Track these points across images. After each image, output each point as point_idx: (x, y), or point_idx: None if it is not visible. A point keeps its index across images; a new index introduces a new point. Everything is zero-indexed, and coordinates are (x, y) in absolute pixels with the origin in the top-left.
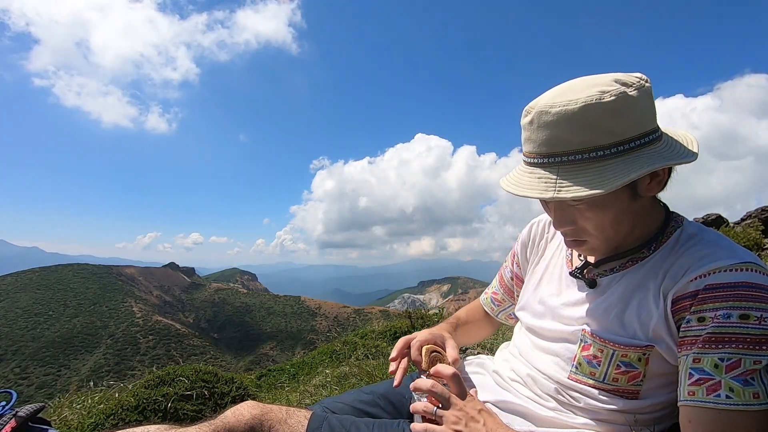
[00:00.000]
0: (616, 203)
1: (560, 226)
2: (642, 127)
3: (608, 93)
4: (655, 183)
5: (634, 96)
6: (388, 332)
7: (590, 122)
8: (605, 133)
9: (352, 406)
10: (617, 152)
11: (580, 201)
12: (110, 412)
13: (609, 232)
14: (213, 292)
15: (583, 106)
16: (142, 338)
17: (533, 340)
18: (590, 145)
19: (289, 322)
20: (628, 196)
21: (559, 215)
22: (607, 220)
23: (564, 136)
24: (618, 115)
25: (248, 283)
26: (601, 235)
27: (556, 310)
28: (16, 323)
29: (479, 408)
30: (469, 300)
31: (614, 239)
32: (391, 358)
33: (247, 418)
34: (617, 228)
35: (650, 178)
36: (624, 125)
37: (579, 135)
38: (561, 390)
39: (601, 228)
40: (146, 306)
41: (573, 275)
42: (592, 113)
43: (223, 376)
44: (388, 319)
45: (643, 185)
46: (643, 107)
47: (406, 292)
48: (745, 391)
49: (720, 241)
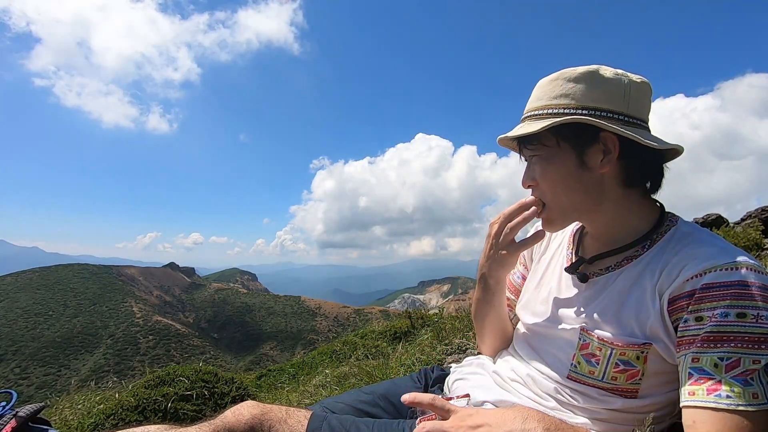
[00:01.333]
0: (561, 164)
1: (525, 181)
2: (610, 104)
3: (587, 67)
4: (607, 160)
5: (608, 78)
6: (388, 332)
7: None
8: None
9: (352, 406)
10: (571, 113)
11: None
12: (110, 412)
13: (561, 197)
14: (213, 292)
15: (561, 71)
16: (142, 338)
17: (533, 339)
18: (554, 103)
19: (289, 322)
20: (574, 162)
21: (526, 172)
22: (556, 177)
23: (558, 91)
24: (587, 84)
25: (248, 283)
26: (554, 197)
27: (555, 309)
28: (16, 323)
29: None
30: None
31: (568, 209)
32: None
33: (247, 417)
34: (568, 194)
35: (603, 154)
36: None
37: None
38: (560, 389)
39: (552, 185)
40: (146, 306)
41: (568, 271)
42: (566, 77)
43: (223, 376)
44: (388, 319)
45: (594, 158)
46: (613, 94)
47: (406, 292)
48: (746, 391)
49: (714, 241)
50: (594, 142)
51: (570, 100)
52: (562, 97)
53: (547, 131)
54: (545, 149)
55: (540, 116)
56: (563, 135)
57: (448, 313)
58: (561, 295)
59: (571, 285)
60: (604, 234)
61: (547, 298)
